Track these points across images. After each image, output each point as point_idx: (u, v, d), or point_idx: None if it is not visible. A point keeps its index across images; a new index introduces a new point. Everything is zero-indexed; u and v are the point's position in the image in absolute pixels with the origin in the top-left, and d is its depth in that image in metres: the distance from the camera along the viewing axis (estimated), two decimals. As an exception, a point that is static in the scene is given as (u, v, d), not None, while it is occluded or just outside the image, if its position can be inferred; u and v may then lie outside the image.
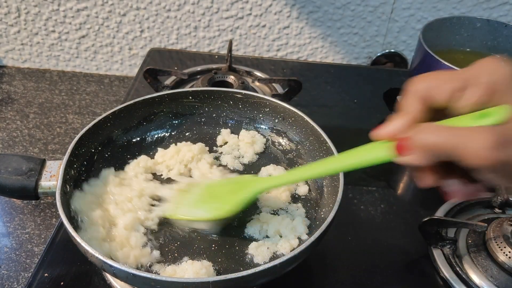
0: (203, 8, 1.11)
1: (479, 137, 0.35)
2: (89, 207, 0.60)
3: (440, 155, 0.37)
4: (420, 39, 0.83)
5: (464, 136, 0.36)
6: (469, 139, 0.35)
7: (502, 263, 0.62)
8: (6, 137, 0.96)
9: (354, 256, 0.68)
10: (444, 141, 0.37)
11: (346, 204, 0.75)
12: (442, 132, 0.37)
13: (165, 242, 0.60)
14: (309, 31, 1.14)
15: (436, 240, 0.66)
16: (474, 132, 0.35)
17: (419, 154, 0.38)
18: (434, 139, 0.37)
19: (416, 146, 0.38)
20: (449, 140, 0.36)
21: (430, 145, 0.37)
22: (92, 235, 0.57)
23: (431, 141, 0.37)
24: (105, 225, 0.59)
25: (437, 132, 0.37)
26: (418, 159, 0.39)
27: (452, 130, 0.37)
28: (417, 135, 0.38)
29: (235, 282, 0.48)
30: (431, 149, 0.37)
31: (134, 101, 0.74)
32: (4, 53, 1.19)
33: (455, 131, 0.37)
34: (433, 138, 0.37)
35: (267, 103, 0.76)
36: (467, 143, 0.35)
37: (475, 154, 0.35)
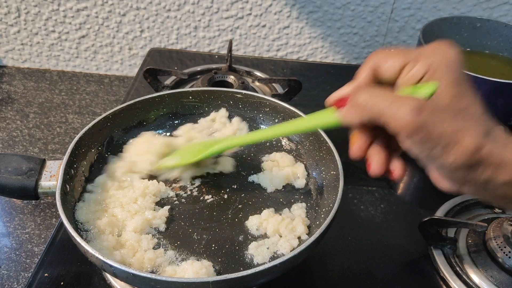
0: (203, 8, 1.11)
1: (403, 103, 0.38)
2: (95, 216, 0.60)
3: (369, 116, 0.41)
4: (420, 39, 0.83)
5: (391, 102, 0.39)
6: (396, 104, 0.38)
7: (502, 263, 0.62)
8: (6, 137, 0.96)
9: (354, 256, 0.68)
10: (373, 103, 0.40)
11: (346, 204, 0.75)
12: (375, 95, 0.40)
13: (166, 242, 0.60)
14: (309, 31, 1.14)
15: (436, 240, 0.66)
16: (400, 99, 0.39)
17: (352, 111, 0.42)
18: (366, 99, 0.41)
19: (351, 103, 0.42)
20: (378, 103, 0.40)
21: (361, 103, 0.41)
22: (102, 245, 0.56)
23: (362, 100, 0.41)
24: (113, 232, 0.59)
25: (370, 94, 0.41)
26: (349, 116, 0.43)
27: (384, 95, 0.40)
28: (354, 94, 0.42)
29: (235, 282, 0.48)
30: (361, 108, 0.41)
31: (134, 101, 0.74)
32: (4, 53, 1.19)
33: (385, 96, 0.40)
34: (365, 98, 0.41)
35: (267, 103, 0.76)
36: (393, 108, 0.38)
37: (398, 117, 0.38)
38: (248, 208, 0.65)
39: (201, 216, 0.64)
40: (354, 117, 0.42)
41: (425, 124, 0.37)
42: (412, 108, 0.37)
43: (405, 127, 0.38)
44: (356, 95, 0.42)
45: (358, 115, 0.42)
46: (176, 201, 0.66)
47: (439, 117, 0.38)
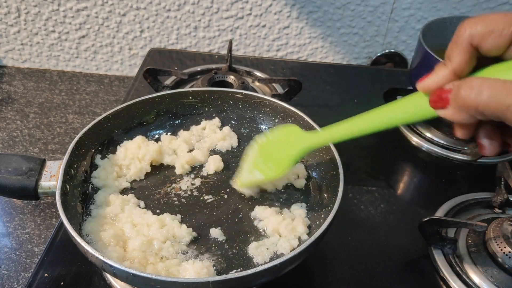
0: (203, 8, 1.11)
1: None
2: (100, 228, 0.60)
3: (484, 115, 0.34)
4: (420, 39, 0.83)
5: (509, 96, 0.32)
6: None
7: (502, 263, 0.62)
8: (6, 137, 0.96)
9: (354, 256, 0.68)
10: (490, 102, 0.33)
11: (346, 204, 0.75)
12: (487, 90, 0.33)
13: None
14: (309, 31, 1.14)
15: (436, 240, 0.66)
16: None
17: (458, 112, 0.35)
18: (479, 98, 0.33)
19: (458, 103, 0.35)
20: (496, 101, 0.32)
21: (473, 104, 0.34)
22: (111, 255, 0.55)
23: (474, 100, 0.33)
24: (119, 244, 0.58)
25: (483, 91, 0.33)
26: (456, 117, 0.36)
27: (499, 89, 0.32)
28: (460, 90, 0.34)
29: (235, 282, 0.48)
30: (475, 109, 0.34)
31: (134, 101, 0.74)
32: (4, 53, 1.19)
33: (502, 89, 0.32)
34: (477, 97, 0.33)
35: (267, 103, 0.76)
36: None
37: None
38: (248, 208, 0.65)
39: (201, 216, 0.64)
40: (464, 118, 0.35)
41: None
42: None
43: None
44: (462, 92, 0.34)
45: (469, 116, 0.35)
46: (177, 201, 0.66)
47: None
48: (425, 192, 0.83)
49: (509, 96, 0.32)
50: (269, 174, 0.61)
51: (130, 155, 0.70)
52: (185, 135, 0.76)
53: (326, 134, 0.58)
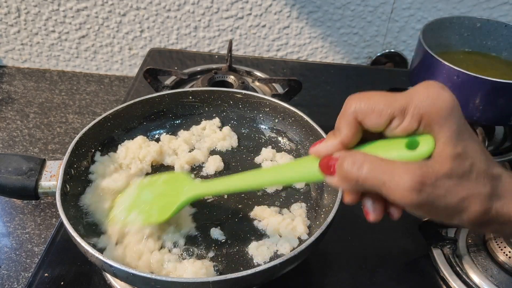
0: (203, 8, 1.11)
1: (402, 177, 0.35)
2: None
3: (364, 188, 0.38)
4: (420, 39, 0.83)
5: (389, 175, 0.36)
6: (392, 178, 0.35)
7: (502, 263, 0.62)
8: (6, 137, 0.96)
9: (354, 256, 0.68)
10: (368, 177, 0.37)
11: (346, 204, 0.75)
12: (368, 166, 0.37)
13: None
14: (309, 31, 1.14)
15: (436, 240, 0.66)
16: (399, 172, 0.35)
17: (342, 181, 0.39)
18: (359, 173, 0.37)
19: (340, 174, 0.38)
20: (374, 177, 0.36)
21: (354, 177, 0.37)
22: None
23: (355, 174, 0.37)
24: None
25: (363, 166, 0.37)
26: (341, 185, 0.39)
27: (379, 166, 0.37)
28: (343, 163, 0.38)
29: (235, 282, 0.48)
30: (355, 181, 0.37)
31: (134, 101, 0.74)
32: (4, 53, 1.19)
33: (381, 167, 0.36)
34: (358, 171, 0.37)
35: (267, 103, 0.76)
36: (390, 183, 0.35)
37: (398, 194, 0.35)
38: (248, 208, 0.65)
39: (201, 216, 0.64)
40: (347, 187, 0.39)
41: (428, 200, 0.35)
42: (413, 184, 0.35)
43: (408, 203, 0.36)
44: (345, 164, 0.38)
45: (351, 187, 0.39)
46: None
47: (442, 188, 0.35)
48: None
49: (385, 174, 0.36)
50: (150, 219, 0.56)
51: (131, 155, 0.70)
52: (185, 135, 0.76)
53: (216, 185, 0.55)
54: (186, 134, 0.76)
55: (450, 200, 0.36)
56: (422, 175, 0.35)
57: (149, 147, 0.71)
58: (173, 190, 0.57)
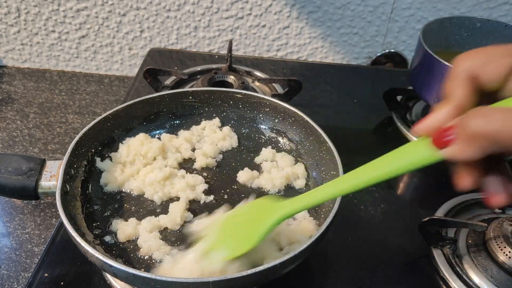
0: (203, 8, 1.11)
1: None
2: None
3: (494, 146, 0.31)
4: (420, 39, 0.83)
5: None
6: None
7: (502, 263, 0.62)
8: (6, 137, 0.96)
9: (354, 256, 0.68)
10: (499, 128, 0.30)
11: (346, 204, 0.75)
12: (497, 116, 0.30)
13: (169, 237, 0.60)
14: (309, 31, 1.14)
15: (436, 240, 0.66)
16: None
17: (468, 145, 0.32)
18: (491, 126, 0.30)
19: (466, 135, 0.32)
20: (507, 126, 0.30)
21: (482, 132, 0.31)
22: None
23: (483, 128, 0.31)
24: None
25: (491, 117, 0.31)
26: (466, 152, 0.32)
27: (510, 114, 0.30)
28: (466, 121, 0.32)
29: (235, 282, 0.48)
30: (487, 138, 0.31)
31: (134, 101, 0.74)
32: (4, 53, 1.19)
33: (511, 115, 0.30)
34: (488, 124, 0.30)
35: (267, 103, 0.76)
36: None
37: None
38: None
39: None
40: (475, 152, 0.32)
41: None
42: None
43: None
44: (470, 122, 0.31)
45: (481, 148, 0.31)
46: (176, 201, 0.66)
47: None
48: (425, 192, 0.83)
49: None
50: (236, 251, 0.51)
51: (133, 151, 0.70)
52: (185, 134, 0.76)
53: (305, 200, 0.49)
54: (186, 134, 0.76)
55: None
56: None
57: (151, 143, 0.71)
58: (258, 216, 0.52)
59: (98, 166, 0.68)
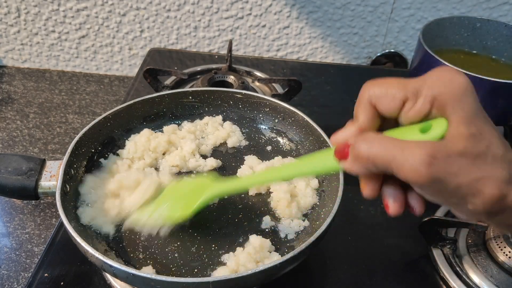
0: (203, 8, 1.11)
1: (413, 152, 0.34)
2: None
3: (375, 167, 0.37)
4: (420, 39, 0.83)
5: (398, 150, 0.35)
6: (404, 153, 0.34)
7: (502, 263, 0.62)
8: (6, 137, 0.96)
9: (354, 256, 0.68)
10: (378, 153, 0.36)
11: (346, 204, 0.75)
12: (378, 144, 0.36)
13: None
14: (309, 31, 1.14)
15: (436, 240, 0.66)
16: (408, 147, 0.35)
17: (355, 163, 0.38)
18: (369, 150, 0.37)
19: (353, 154, 0.38)
20: (383, 153, 0.36)
21: (365, 155, 0.37)
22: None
23: (365, 152, 0.37)
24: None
25: (373, 144, 0.37)
26: (354, 168, 0.39)
27: (388, 143, 0.36)
28: (355, 143, 0.38)
29: (235, 282, 0.48)
30: (366, 160, 0.37)
31: (134, 101, 0.74)
32: (4, 53, 1.19)
33: (390, 144, 0.36)
34: (368, 149, 0.37)
35: (267, 103, 0.76)
36: (401, 158, 0.34)
37: (408, 169, 0.34)
38: (248, 208, 0.65)
39: (202, 216, 0.64)
40: (359, 170, 0.38)
41: (439, 176, 0.34)
42: (423, 158, 0.33)
43: (417, 179, 0.34)
44: (356, 144, 0.38)
45: (363, 167, 0.38)
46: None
47: (455, 166, 0.34)
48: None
49: (395, 149, 0.35)
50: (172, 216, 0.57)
51: (141, 147, 0.70)
52: (189, 126, 0.77)
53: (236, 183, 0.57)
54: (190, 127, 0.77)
55: (462, 179, 0.34)
56: (433, 150, 0.34)
57: (157, 138, 0.72)
58: (197, 190, 0.59)
59: (103, 165, 0.68)
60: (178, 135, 0.75)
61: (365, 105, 0.40)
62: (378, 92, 0.39)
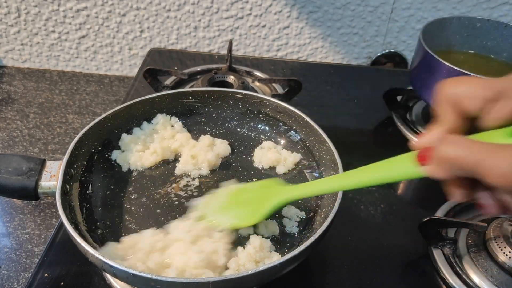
0: (203, 8, 1.11)
1: (501, 155, 0.32)
2: None
3: (461, 170, 0.35)
4: (420, 39, 0.83)
5: (486, 153, 0.33)
6: (491, 156, 0.33)
7: (502, 263, 0.62)
8: (6, 137, 0.96)
9: (354, 256, 0.68)
10: (464, 156, 0.34)
11: (346, 204, 0.75)
12: (464, 146, 0.35)
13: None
14: (309, 31, 1.14)
15: (436, 240, 0.66)
16: (497, 150, 0.33)
17: (439, 166, 0.37)
18: (455, 153, 0.35)
19: (437, 157, 0.37)
20: (470, 156, 0.34)
21: (450, 158, 0.35)
22: None
23: (451, 154, 0.35)
24: None
25: (459, 146, 0.35)
26: (438, 172, 0.37)
27: (475, 146, 0.34)
28: (440, 146, 0.36)
29: (235, 282, 0.48)
30: (451, 163, 0.35)
31: (134, 101, 0.74)
32: (4, 53, 1.19)
33: (478, 146, 0.34)
34: (454, 152, 0.35)
35: (267, 103, 0.76)
36: (488, 161, 0.33)
37: (495, 173, 0.33)
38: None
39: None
40: (445, 174, 0.37)
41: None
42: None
43: (506, 185, 0.33)
44: (441, 147, 0.36)
45: (448, 171, 0.36)
46: (177, 202, 0.66)
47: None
48: (425, 192, 0.83)
49: (482, 152, 0.34)
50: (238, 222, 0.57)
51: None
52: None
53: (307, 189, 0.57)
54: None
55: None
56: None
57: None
58: (264, 195, 0.58)
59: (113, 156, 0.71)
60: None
61: (446, 106, 0.39)
62: (460, 91, 0.38)
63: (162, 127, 0.75)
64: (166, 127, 0.75)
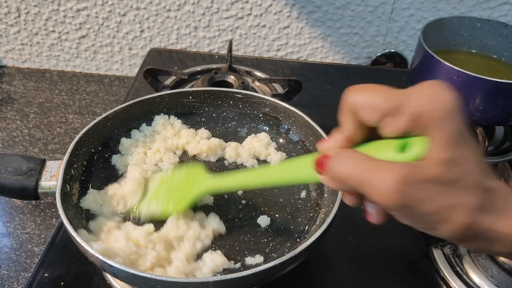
0: (203, 8, 1.11)
1: (383, 176, 0.33)
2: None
3: (348, 187, 0.37)
4: (420, 39, 0.83)
5: (369, 173, 0.34)
6: (373, 177, 0.34)
7: (502, 263, 0.62)
8: (6, 137, 0.96)
9: (354, 256, 0.68)
10: (351, 175, 0.35)
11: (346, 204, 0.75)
12: (352, 164, 0.36)
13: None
14: (309, 31, 1.14)
15: (436, 240, 0.66)
16: (380, 170, 0.34)
17: (332, 182, 0.38)
18: (343, 171, 0.36)
19: (329, 175, 0.38)
20: (355, 175, 0.35)
21: (338, 176, 0.37)
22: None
23: (340, 173, 0.36)
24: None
25: (347, 164, 0.36)
26: (331, 185, 0.39)
27: (362, 164, 0.35)
28: (331, 162, 0.37)
29: (235, 282, 0.48)
30: (339, 180, 0.37)
31: (134, 101, 0.74)
32: (4, 53, 1.19)
33: (364, 165, 0.35)
34: (342, 170, 0.36)
35: (267, 103, 0.76)
36: (372, 181, 0.34)
37: (377, 193, 0.34)
38: (248, 209, 0.65)
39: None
40: (335, 187, 0.39)
41: (407, 203, 0.33)
42: (392, 183, 0.33)
43: (385, 204, 0.34)
44: (332, 163, 0.37)
45: (338, 186, 0.38)
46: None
47: (424, 193, 0.33)
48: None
49: (366, 171, 0.34)
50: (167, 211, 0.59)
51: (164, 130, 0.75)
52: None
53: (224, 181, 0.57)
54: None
55: (430, 207, 0.33)
56: (404, 175, 0.33)
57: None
58: (190, 184, 0.60)
59: (113, 161, 0.70)
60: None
61: (347, 113, 0.39)
62: (360, 101, 0.38)
63: (162, 127, 0.75)
64: (166, 127, 0.75)
